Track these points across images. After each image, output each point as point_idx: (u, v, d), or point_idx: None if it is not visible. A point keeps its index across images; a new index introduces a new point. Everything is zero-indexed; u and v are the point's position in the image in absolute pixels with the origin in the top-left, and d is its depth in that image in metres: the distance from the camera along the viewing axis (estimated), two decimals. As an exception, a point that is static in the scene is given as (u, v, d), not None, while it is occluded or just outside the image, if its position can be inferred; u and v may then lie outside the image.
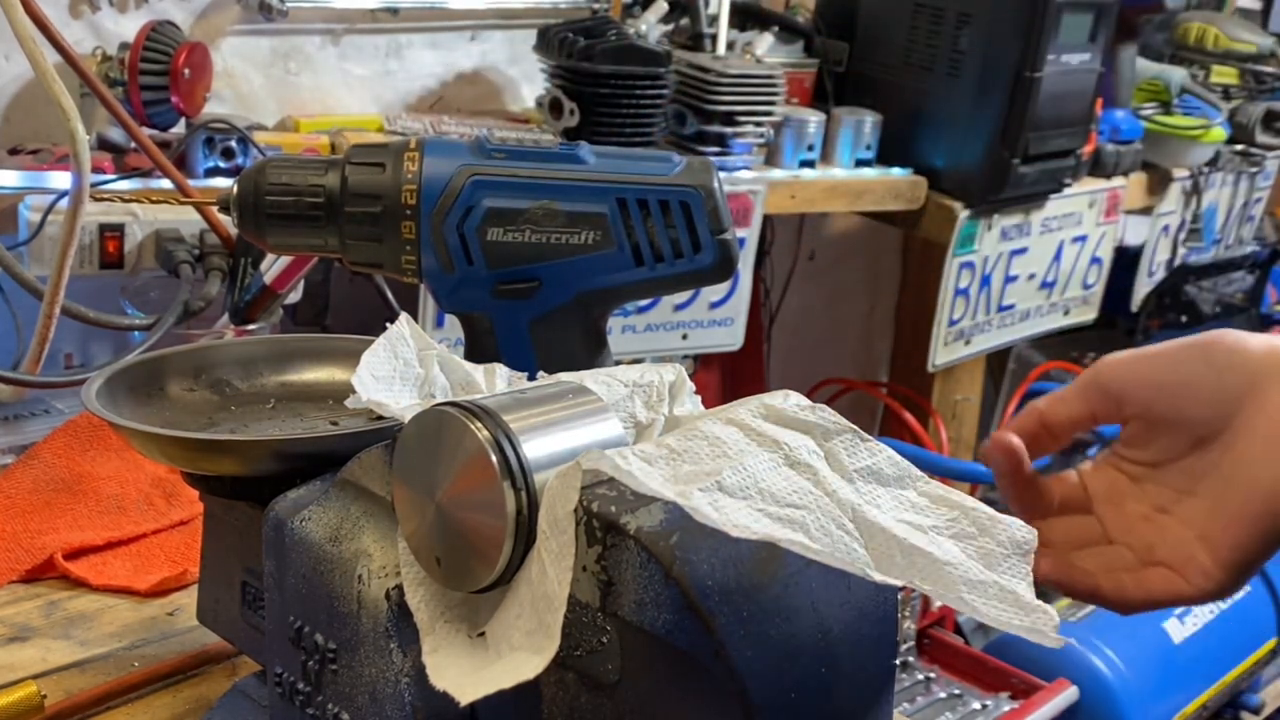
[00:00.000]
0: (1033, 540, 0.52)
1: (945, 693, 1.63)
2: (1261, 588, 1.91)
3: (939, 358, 2.12)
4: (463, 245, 0.76)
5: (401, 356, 0.64)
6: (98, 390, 0.70)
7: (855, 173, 1.94)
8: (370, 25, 1.71)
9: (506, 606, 0.52)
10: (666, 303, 1.76)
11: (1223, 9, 2.95)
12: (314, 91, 1.68)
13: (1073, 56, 1.92)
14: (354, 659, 0.58)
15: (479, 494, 0.51)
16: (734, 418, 0.53)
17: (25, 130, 1.45)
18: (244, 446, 0.67)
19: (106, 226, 1.25)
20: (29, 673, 0.81)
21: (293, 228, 0.76)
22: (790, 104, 1.91)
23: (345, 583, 0.57)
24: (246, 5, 1.58)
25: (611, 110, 1.62)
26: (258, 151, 1.40)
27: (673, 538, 0.48)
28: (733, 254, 0.79)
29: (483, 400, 0.54)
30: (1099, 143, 2.20)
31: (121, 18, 1.50)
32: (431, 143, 0.77)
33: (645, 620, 0.49)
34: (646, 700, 0.50)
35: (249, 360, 0.78)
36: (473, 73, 1.83)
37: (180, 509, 1.02)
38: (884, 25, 2.01)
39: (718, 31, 1.86)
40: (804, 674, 0.50)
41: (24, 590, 0.92)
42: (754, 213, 1.79)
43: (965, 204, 1.97)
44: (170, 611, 0.91)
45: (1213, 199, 2.63)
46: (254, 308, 1.20)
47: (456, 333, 0.81)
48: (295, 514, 0.60)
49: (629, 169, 0.77)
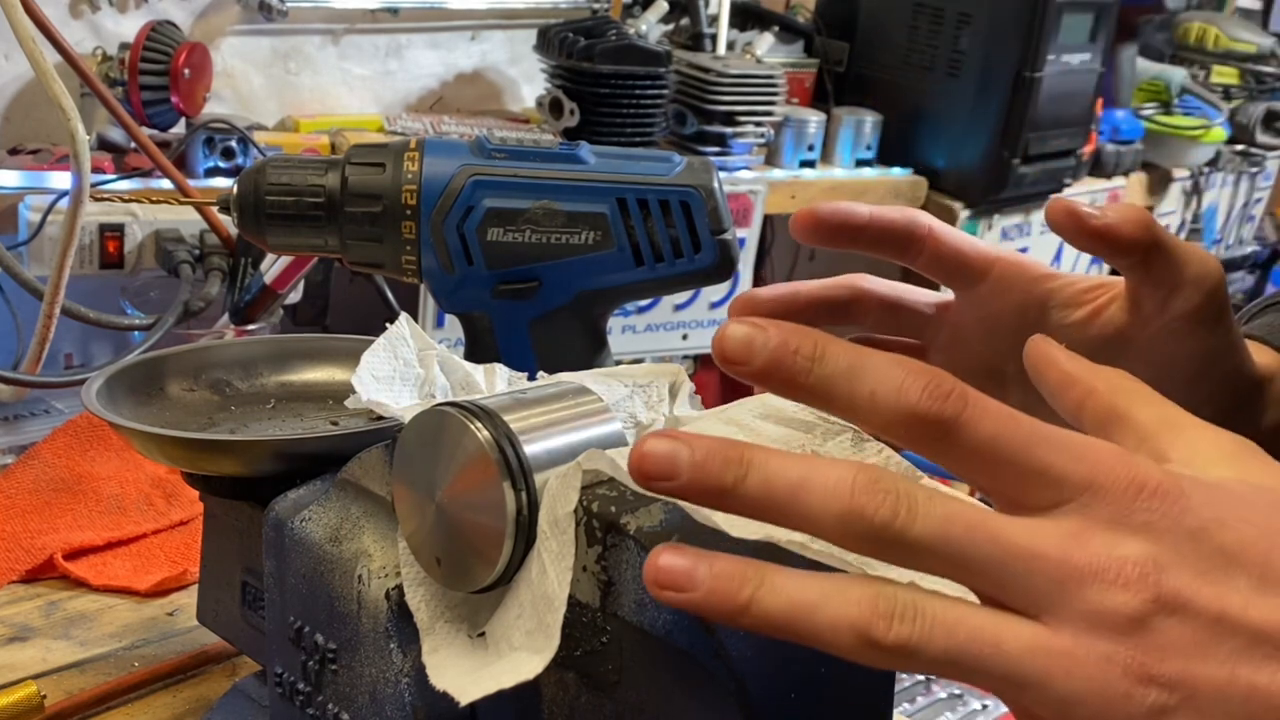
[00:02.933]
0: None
1: (945, 693, 1.63)
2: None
3: (939, 358, 2.11)
4: (463, 245, 0.76)
5: (401, 356, 0.64)
6: (98, 390, 0.70)
7: (855, 173, 1.94)
8: (370, 25, 1.71)
9: (506, 607, 0.52)
10: (666, 303, 1.76)
11: (1223, 9, 2.95)
12: (314, 91, 1.68)
13: (1073, 56, 1.93)
14: (354, 659, 0.58)
15: (479, 494, 0.51)
16: (734, 417, 0.53)
17: (25, 130, 1.45)
18: (244, 446, 0.67)
19: (106, 226, 1.25)
20: (29, 673, 0.81)
21: (293, 228, 0.76)
22: (790, 104, 1.91)
23: (345, 583, 0.57)
24: (246, 5, 1.58)
25: (611, 110, 1.63)
26: (258, 151, 1.40)
27: (672, 538, 0.49)
28: (733, 254, 0.79)
29: (483, 400, 0.54)
30: (1099, 143, 2.20)
31: (121, 18, 1.50)
32: (431, 143, 0.77)
33: (645, 620, 0.49)
34: (646, 700, 0.50)
35: (249, 360, 0.78)
36: (473, 73, 1.83)
37: (180, 509, 1.02)
38: (884, 25, 2.01)
39: (718, 31, 1.87)
40: (804, 674, 0.50)
41: (24, 590, 0.92)
42: (754, 213, 1.79)
43: (965, 204, 1.97)
44: (170, 611, 0.91)
45: (1213, 199, 2.63)
46: (254, 308, 1.20)
47: (456, 333, 0.81)
48: (295, 514, 0.60)
49: (629, 169, 0.77)
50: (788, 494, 0.35)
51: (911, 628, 0.34)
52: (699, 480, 0.36)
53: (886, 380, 0.35)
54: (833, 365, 0.36)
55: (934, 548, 0.35)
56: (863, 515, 0.35)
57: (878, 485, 0.35)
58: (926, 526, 0.35)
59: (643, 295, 0.83)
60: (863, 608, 0.35)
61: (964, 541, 0.35)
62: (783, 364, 0.36)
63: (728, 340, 0.36)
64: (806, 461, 0.36)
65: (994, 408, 0.36)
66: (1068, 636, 0.34)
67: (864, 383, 0.36)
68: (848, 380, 0.36)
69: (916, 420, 0.35)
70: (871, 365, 0.36)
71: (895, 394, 0.35)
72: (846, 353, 0.36)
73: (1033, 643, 0.34)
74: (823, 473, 0.35)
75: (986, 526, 0.35)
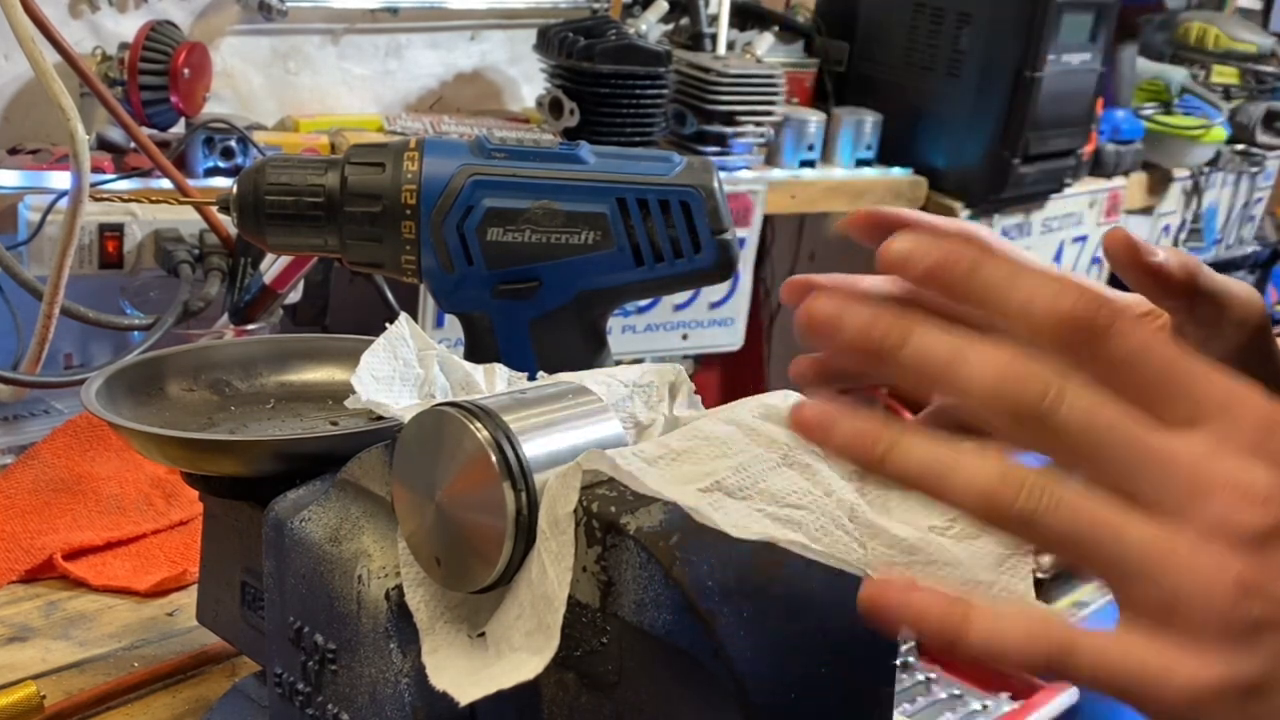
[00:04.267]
0: (1033, 540, 0.52)
1: (945, 693, 1.63)
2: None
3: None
4: (463, 245, 0.76)
5: (401, 356, 0.64)
6: (97, 390, 0.70)
7: (855, 173, 1.94)
8: (370, 25, 1.71)
9: (506, 607, 0.52)
10: (666, 303, 1.76)
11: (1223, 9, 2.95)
12: (314, 91, 1.68)
13: (1073, 56, 1.92)
14: (354, 659, 0.58)
15: (479, 494, 0.51)
16: (734, 418, 0.53)
17: (25, 130, 1.45)
18: (244, 446, 0.67)
19: (106, 226, 1.25)
20: (29, 673, 0.81)
21: (293, 228, 0.76)
22: (790, 104, 1.91)
23: (345, 583, 0.57)
24: (246, 5, 1.58)
25: (611, 110, 1.62)
26: (257, 151, 1.40)
27: (673, 538, 0.48)
28: (733, 254, 0.79)
29: (483, 400, 0.54)
30: (1099, 143, 2.20)
31: (121, 18, 1.50)
32: (431, 142, 0.77)
33: (645, 620, 0.49)
34: (646, 700, 0.50)
35: (248, 360, 0.78)
36: (473, 73, 1.83)
37: (180, 509, 1.02)
38: (884, 25, 2.01)
39: (718, 31, 1.86)
40: (804, 674, 0.50)
41: (24, 590, 0.92)
42: (754, 213, 1.79)
43: (966, 204, 1.96)
44: (170, 612, 0.91)
45: (1213, 199, 2.63)
46: (254, 308, 1.20)
47: (456, 333, 0.81)
48: (295, 514, 0.60)
49: (629, 169, 0.77)
50: (943, 364, 0.38)
51: (1037, 502, 0.37)
52: (860, 340, 0.38)
53: (1043, 286, 0.38)
54: (992, 271, 0.38)
55: (1075, 433, 0.37)
56: (1013, 390, 0.37)
57: (1029, 366, 0.37)
58: (1072, 412, 0.37)
59: (643, 295, 0.83)
60: (992, 477, 0.37)
61: (1104, 432, 0.37)
62: (945, 268, 0.39)
63: (891, 250, 0.39)
64: (963, 338, 0.38)
65: (1142, 324, 0.38)
66: (1189, 539, 0.36)
67: (1020, 289, 0.38)
68: (1006, 284, 0.38)
69: (1069, 324, 0.37)
70: (1029, 273, 0.38)
71: (1051, 299, 0.37)
72: (1005, 262, 0.39)
73: (1154, 537, 0.36)
74: (978, 349, 0.38)
75: (1127, 424, 0.37)
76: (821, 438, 0.39)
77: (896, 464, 0.38)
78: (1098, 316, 0.37)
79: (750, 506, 0.48)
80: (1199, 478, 0.37)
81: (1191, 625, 0.36)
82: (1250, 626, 0.35)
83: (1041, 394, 0.37)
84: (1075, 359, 0.37)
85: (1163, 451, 0.37)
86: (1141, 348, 0.38)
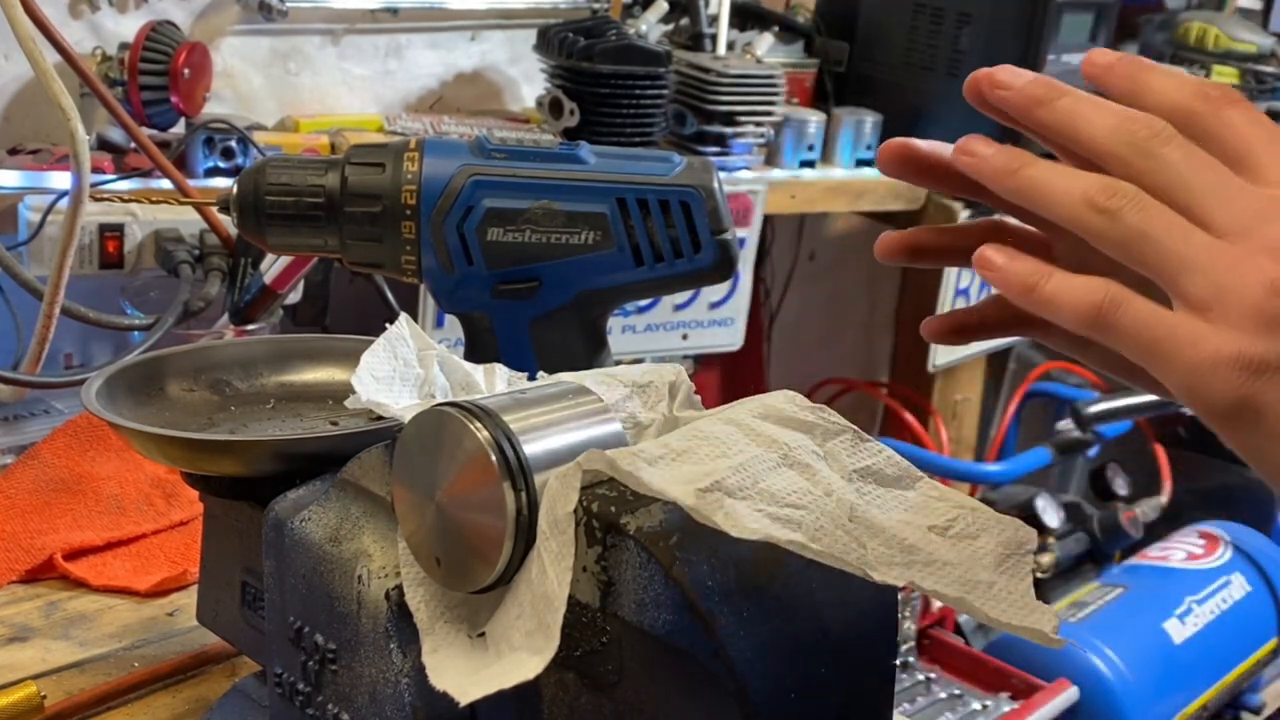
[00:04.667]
0: (1033, 540, 0.52)
1: (945, 693, 1.63)
2: (1262, 587, 1.91)
3: (939, 358, 2.12)
4: (463, 245, 0.76)
5: (401, 357, 0.64)
6: (97, 390, 0.70)
7: (855, 173, 1.94)
8: (370, 25, 1.71)
9: (506, 607, 0.52)
10: (666, 303, 1.76)
11: (1223, 9, 2.95)
12: (314, 91, 1.68)
13: (1073, 56, 1.92)
14: (354, 659, 0.58)
15: (479, 494, 0.51)
16: (734, 418, 0.53)
17: (25, 130, 1.45)
18: (244, 446, 0.67)
19: (106, 226, 1.25)
20: (29, 673, 0.81)
21: (293, 228, 0.76)
22: (790, 104, 1.91)
23: (345, 583, 0.57)
24: (246, 5, 1.58)
25: (611, 110, 1.62)
26: (257, 151, 1.40)
27: (673, 538, 0.48)
28: (733, 254, 0.79)
29: (483, 400, 0.54)
30: (1099, 142, 2.20)
31: (121, 18, 1.50)
32: (431, 143, 0.77)
33: (645, 620, 0.49)
34: (646, 700, 0.50)
35: (248, 360, 0.78)
36: (473, 73, 1.83)
37: (180, 509, 1.02)
38: (884, 25, 2.01)
39: (718, 31, 1.86)
40: (804, 674, 0.50)
41: (24, 590, 0.92)
42: (754, 213, 1.79)
43: (965, 204, 1.96)
44: (170, 612, 0.91)
45: (1213, 199, 2.62)
46: (254, 308, 1.20)
47: (456, 333, 0.81)
48: (295, 514, 0.60)
49: (629, 169, 0.77)
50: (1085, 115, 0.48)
51: (1124, 201, 0.46)
52: (1029, 89, 0.49)
53: (1111, 115, 0.48)
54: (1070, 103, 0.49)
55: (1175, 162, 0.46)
56: (1130, 128, 0.47)
57: (1147, 115, 0.47)
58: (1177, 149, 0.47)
59: (643, 295, 0.83)
60: (1091, 182, 0.47)
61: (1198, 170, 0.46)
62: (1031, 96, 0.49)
63: (997, 72, 0.50)
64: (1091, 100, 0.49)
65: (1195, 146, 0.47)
66: (1246, 250, 0.45)
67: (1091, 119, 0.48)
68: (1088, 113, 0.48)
69: (1132, 145, 0.47)
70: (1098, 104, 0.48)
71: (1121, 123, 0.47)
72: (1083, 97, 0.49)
73: (1216, 244, 0.45)
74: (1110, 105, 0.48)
75: (1218, 167, 0.47)
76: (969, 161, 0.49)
77: (1024, 178, 0.48)
78: (1162, 130, 0.47)
79: (750, 506, 0.48)
80: (1266, 209, 0.45)
81: (1227, 311, 0.44)
82: (1273, 319, 0.43)
83: (1155, 132, 0.47)
84: (1138, 171, 0.46)
85: (1243, 189, 0.46)
86: (1189, 157, 0.47)
